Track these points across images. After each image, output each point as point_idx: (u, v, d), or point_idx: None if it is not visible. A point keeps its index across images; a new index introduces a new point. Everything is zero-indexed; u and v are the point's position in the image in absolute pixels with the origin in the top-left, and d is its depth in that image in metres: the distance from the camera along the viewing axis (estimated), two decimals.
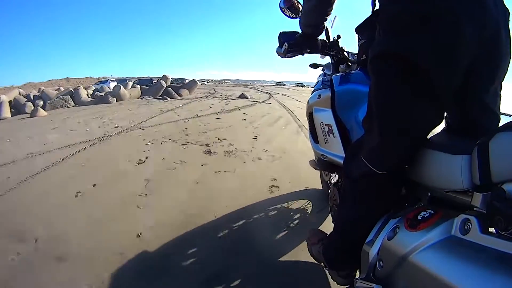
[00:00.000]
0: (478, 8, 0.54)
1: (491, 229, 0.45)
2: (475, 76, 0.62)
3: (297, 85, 44.95)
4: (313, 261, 1.12)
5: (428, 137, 0.68)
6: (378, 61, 0.62)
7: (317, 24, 1.00)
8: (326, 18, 0.96)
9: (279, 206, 1.90)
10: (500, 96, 0.68)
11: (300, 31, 1.07)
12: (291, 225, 1.68)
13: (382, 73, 0.63)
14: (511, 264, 0.40)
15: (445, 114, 0.73)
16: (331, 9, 0.90)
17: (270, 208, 1.87)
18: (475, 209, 0.51)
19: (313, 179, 2.11)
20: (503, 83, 0.67)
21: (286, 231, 1.61)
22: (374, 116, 0.67)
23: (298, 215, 1.79)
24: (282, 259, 1.38)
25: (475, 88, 0.64)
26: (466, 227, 0.49)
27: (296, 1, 1.12)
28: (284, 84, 52.24)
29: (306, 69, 1.52)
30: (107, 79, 27.99)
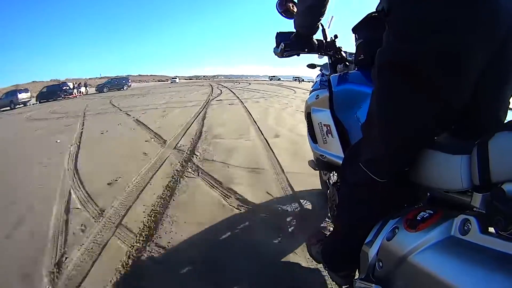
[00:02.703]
0: (492, 14, 0.53)
1: (491, 229, 0.45)
2: (484, 85, 0.60)
3: (295, 80, 36.05)
4: None
5: None
6: (386, 69, 0.61)
7: (310, 26, 1.00)
8: (320, 20, 0.96)
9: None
10: (509, 104, 0.66)
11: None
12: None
13: (390, 82, 0.61)
14: (511, 264, 0.40)
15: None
16: (325, 10, 0.90)
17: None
18: (474, 209, 0.50)
19: None
20: None
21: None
22: (377, 125, 0.65)
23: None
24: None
25: (483, 96, 0.63)
26: (465, 228, 0.49)
27: (290, 5, 1.12)
28: (279, 79, 43.11)
29: (304, 63, 1.45)
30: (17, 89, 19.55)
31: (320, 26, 1.13)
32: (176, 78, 50.43)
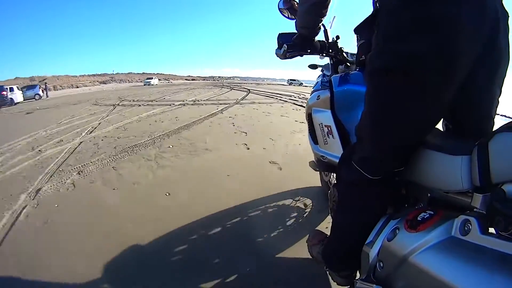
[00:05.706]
0: (478, 13, 0.53)
1: (491, 230, 0.45)
2: (473, 83, 0.61)
3: None
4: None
5: (427, 137, 0.68)
6: (376, 71, 0.61)
7: (312, 26, 1.00)
8: (321, 20, 0.96)
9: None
10: (498, 101, 0.67)
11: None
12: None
13: (380, 84, 0.61)
14: (511, 264, 0.40)
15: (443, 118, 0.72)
16: (326, 11, 0.90)
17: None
18: (475, 209, 0.51)
19: None
20: (503, 88, 0.66)
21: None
22: (369, 125, 0.66)
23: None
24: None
25: (473, 94, 0.64)
26: (466, 228, 0.49)
27: (295, 2, 1.12)
28: (301, 84, 35.64)
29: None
30: None
31: (322, 27, 1.13)
32: (151, 79, 36.94)
